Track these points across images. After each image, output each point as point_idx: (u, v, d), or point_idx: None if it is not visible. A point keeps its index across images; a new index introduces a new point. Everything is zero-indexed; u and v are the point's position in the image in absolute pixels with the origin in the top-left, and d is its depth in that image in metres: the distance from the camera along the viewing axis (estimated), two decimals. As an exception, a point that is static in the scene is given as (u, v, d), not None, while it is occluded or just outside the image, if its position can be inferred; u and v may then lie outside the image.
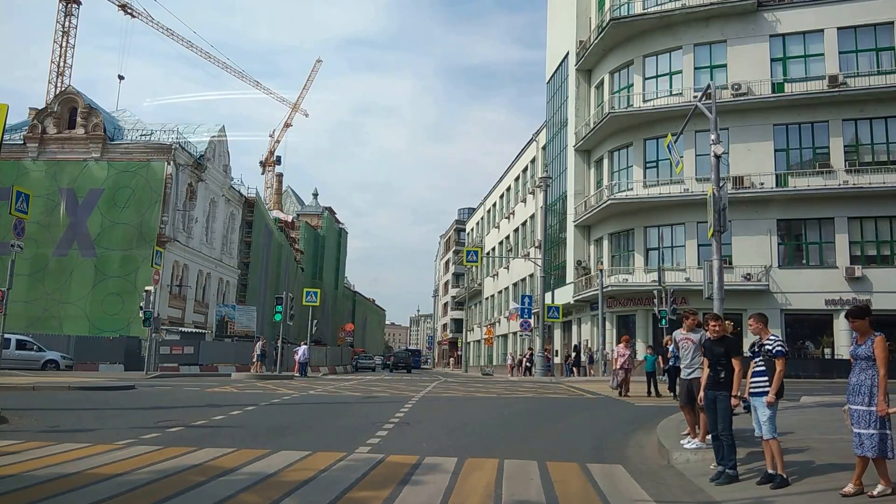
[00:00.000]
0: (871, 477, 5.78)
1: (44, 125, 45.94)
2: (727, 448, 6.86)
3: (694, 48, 31.85)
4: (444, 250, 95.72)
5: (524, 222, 48.86)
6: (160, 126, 47.59)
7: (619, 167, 34.84)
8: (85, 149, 45.30)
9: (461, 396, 19.48)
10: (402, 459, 7.98)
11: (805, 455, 7.77)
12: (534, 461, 7.86)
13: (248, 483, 6.60)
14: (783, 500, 6.05)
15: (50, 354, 31.58)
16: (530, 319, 34.77)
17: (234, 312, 53.42)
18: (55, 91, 56.94)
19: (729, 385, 6.98)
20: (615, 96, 34.69)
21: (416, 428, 11.31)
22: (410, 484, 6.71)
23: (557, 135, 42.27)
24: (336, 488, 6.42)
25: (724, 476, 6.77)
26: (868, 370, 5.84)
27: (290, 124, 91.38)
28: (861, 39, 29.29)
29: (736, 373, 6.95)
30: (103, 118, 46.47)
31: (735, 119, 29.62)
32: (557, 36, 43.30)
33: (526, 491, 6.52)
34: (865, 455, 5.75)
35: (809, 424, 10.48)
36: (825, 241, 29.58)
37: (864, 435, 5.73)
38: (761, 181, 29.78)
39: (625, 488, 6.73)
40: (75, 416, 12.63)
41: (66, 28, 60.77)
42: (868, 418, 5.71)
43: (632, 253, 33.65)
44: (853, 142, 29.47)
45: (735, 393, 6.93)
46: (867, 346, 5.88)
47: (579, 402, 17.55)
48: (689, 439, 8.66)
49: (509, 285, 52.15)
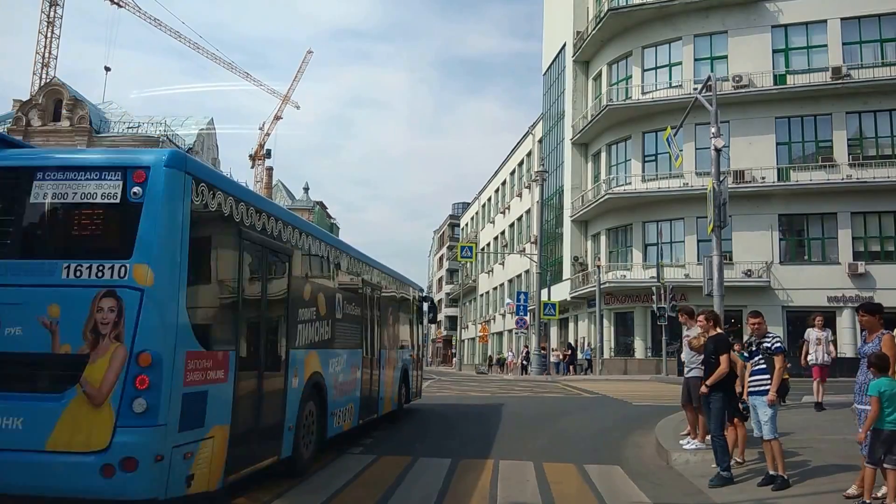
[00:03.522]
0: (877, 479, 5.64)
1: (28, 117, 45.19)
2: (720, 450, 6.79)
3: (694, 39, 31.30)
4: (437, 246, 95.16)
5: (520, 217, 48.26)
6: (147, 118, 46.91)
7: (617, 161, 34.28)
8: (70, 141, 44.55)
9: (455, 395, 19.23)
10: (396, 460, 7.96)
11: (807, 455, 7.69)
12: (530, 462, 7.76)
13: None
14: (784, 501, 5.99)
15: None
16: (526, 317, 34.25)
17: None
18: (40, 83, 55.82)
19: (722, 386, 6.92)
20: (613, 88, 34.12)
21: (409, 428, 11.23)
22: (404, 485, 6.69)
23: (554, 128, 41.69)
24: (328, 489, 6.39)
25: (718, 478, 6.65)
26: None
27: (281, 117, 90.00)
28: (865, 30, 28.73)
29: (719, 369, 6.86)
30: (89, 110, 45.72)
31: (736, 112, 29.04)
32: (554, 26, 42.74)
33: (522, 492, 6.48)
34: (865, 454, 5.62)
35: (811, 424, 10.48)
36: (827, 236, 29.11)
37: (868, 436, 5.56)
38: (762, 175, 29.27)
39: (623, 490, 6.66)
40: None
41: (52, 18, 59.54)
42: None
43: (630, 248, 33.13)
44: (857, 135, 29.00)
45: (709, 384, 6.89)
46: (875, 343, 5.77)
47: (576, 402, 17.42)
48: (688, 439, 8.56)
49: (504, 282, 51.59)
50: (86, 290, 4.73)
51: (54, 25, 59.98)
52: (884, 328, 5.97)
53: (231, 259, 5.78)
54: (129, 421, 4.53)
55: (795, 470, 6.90)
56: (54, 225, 5.05)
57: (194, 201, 5.11)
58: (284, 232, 6.89)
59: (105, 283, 4.73)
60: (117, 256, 4.78)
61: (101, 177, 4.93)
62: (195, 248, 5.09)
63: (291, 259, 7.07)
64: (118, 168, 4.97)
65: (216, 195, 5.45)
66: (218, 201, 5.48)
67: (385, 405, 11.24)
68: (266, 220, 6.41)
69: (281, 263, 6.87)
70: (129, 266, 4.75)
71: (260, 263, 6.30)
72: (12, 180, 5.05)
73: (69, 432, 4.55)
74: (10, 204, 5.06)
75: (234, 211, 5.74)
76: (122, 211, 4.88)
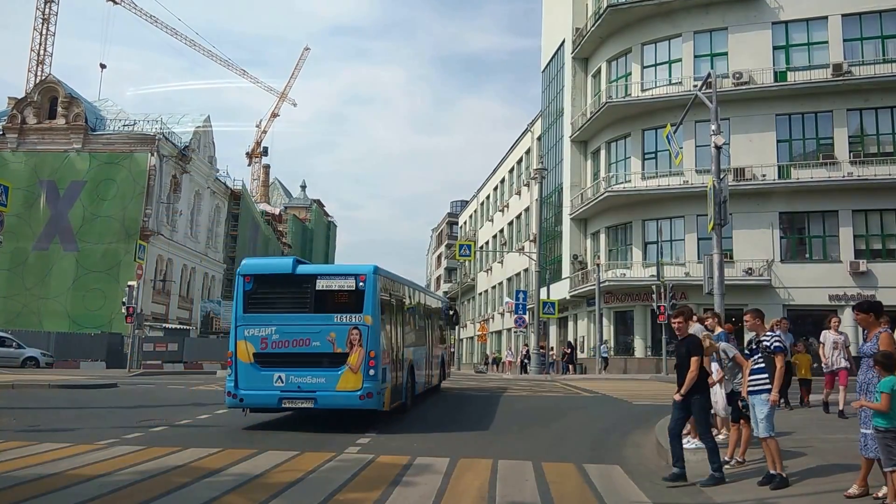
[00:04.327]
0: (877, 478, 5.65)
1: (23, 115, 44.90)
2: (709, 451, 6.74)
3: (694, 36, 31.12)
4: (436, 244, 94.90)
5: (519, 215, 48.04)
6: (143, 116, 46.63)
7: (616, 158, 34.12)
8: (66, 139, 44.31)
9: (454, 393, 19.13)
10: (393, 460, 7.93)
11: (807, 455, 7.67)
12: (529, 461, 7.72)
13: (234, 484, 6.55)
14: (784, 501, 5.95)
15: (29, 351, 31.05)
16: (525, 315, 34.04)
17: (220, 308, 52.19)
18: (35, 80, 55.55)
19: (701, 387, 6.88)
20: (613, 85, 33.95)
21: (407, 427, 11.26)
22: (401, 485, 6.65)
23: (553, 125, 41.48)
24: (325, 490, 6.34)
25: (710, 478, 6.60)
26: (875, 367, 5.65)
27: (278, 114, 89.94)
28: (866, 27, 28.55)
29: (690, 373, 6.79)
30: (85, 108, 45.43)
31: (736, 109, 28.91)
32: (553, 23, 42.52)
33: (521, 492, 6.47)
34: (870, 456, 5.59)
35: (812, 423, 10.48)
36: (829, 234, 28.98)
37: (870, 436, 5.54)
38: (763, 173, 29.14)
39: (622, 489, 6.65)
40: (56, 415, 12.57)
41: (47, 15, 59.33)
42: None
43: (630, 247, 32.97)
44: (858, 132, 28.87)
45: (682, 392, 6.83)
46: (874, 342, 5.75)
47: (575, 401, 17.37)
48: (688, 439, 8.41)
49: (503, 280, 51.36)
50: (345, 325, 10.70)
51: (49, 22, 59.84)
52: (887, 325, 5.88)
53: (389, 310, 12.08)
54: (366, 379, 10.49)
55: (796, 469, 6.84)
56: (329, 298, 11.07)
57: (380, 287, 11.24)
58: (404, 291, 14.05)
59: (353, 323, 10.69)
60: (356, 311, 10.78)
61: (346, 278, 11.08)
62: (382, 306, 11.29)
63: (404, 305, 13.75)
64: (353, 274, 11.05)
65: (386, 283, 11.98)
66: (387, 286, 12.11)
67: (434, 381, 18.11)
68: (398, 288, 13.33)
69: (402, 309, 13.43)
70: (362, 316, 10.74)
71: (397, 310, 12.90)
72: (309, 279, 11.13)
73: (345, 384, 10.50)
74: (309, 290, 11.01)
75: (391, 287, 12.54)
76: (357, 292, 10.86)
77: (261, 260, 13.62)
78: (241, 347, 10.79)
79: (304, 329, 10.76)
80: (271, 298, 11.16)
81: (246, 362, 10.75)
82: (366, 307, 10.72)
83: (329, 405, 10.68)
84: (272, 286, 11.32)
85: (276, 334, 10.75)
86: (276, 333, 10.75)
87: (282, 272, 11.40)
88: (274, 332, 10.77)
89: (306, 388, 10.57)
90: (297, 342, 10.71)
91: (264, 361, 10.72)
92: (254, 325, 10.84)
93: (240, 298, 11.05)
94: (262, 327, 10.78)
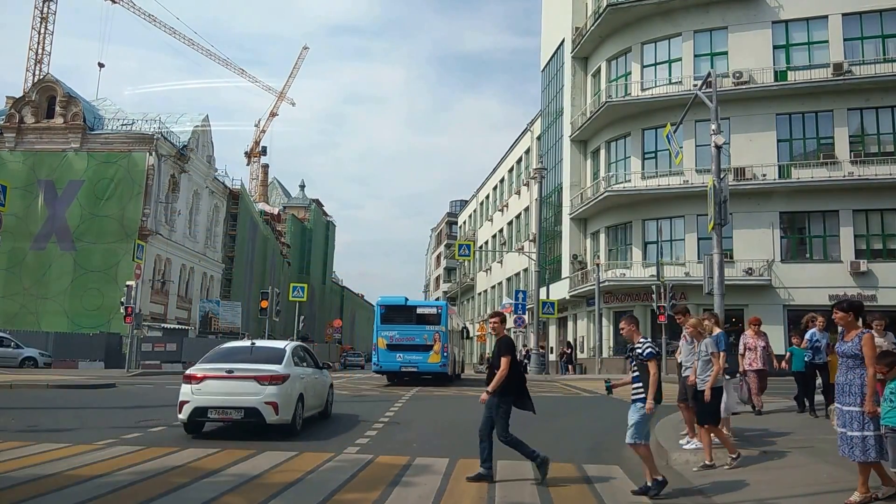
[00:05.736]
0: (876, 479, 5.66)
1: (21, 114, 44.69)
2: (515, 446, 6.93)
3: (694, 35, 31.09)
4: (435, 244, 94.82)
5: (518, 215, 47.99)
6: (142, 115, 46.45)
7: (616, 158, 34.08)
8: (64, 139, 44.12)
9: (453, 395, 19.16)
10: (392, 460, 7.95)
11: (808, 456, 7.68)
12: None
13: (234, 485, 6.54)
14: (784, 502, 5.98)
15: (28, 351, 31.01)
16: (524, 315, 33.97)
17: (219, 308, 52.09)
18: (33, 79, 55.42)
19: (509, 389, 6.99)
20: (612, 85, 33.91)
21: (406, 427, 11.26)
22: (400, 486, 6.65)
23: (552, 125, 41.40)
24: (323, 490, 6.35)
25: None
26: (856, 369, 5.63)
27: (276, 113, 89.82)
28: (867, 26, 28.52)
29: (500, 372, 6.93)
30: (83, 107, 45.24)
31: (736, 108, 28.90)
32: (552, 22, 42.45)
33: (520, 492, 6.48)
34: (855, 459, 5.56)
35: (812, 424, 10.46)
36: (829, 234, 28.94)
37: (856, 437, 5.50)
38: (763, 172, 29.10)
39: (622, 490, 6.63)
40: (54, 415, 12.53)
41: (45, 14, 59.19)
42: (861, 419, 5.49)
43: (629, 247, 32.93)
44: (858, 132, 28.83)
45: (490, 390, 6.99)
46: (854, 343, 5.66)
47: (575, 401, 17.39)
48: (687, 439, 8.52)
49: (503, 280, 51.32)
50: (433, 329, 23.09)
51: (48, 21, 59.71)
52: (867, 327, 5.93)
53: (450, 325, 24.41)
54: (443, 358, 22.89)
55: (796, 469, 6.87)
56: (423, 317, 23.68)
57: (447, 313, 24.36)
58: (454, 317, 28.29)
59: (437, 330, 23.05)
60: (437, 324, 23.27)
61: (431, 307, 25.37)
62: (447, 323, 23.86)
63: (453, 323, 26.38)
64: (436, 306, 25.48)
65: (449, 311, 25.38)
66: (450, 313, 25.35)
67: (458, 371, 28.40)
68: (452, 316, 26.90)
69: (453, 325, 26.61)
70: (440, 326, 23.17)
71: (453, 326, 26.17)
72: (413, 307, 24.21)
73: (433, 360, 22.83)
74: (411, 315, 23.60)
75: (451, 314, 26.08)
76: (438, 315, 23.77)
77: (389, 297, 24.28)
78: (380, 341, 22.74)
79: (411, 332, 22.72)
80: (393, 316, 23.29)
81: (382, 349, 22.66)
82: (442, 322, 23.17)
83: (425, 370, 22.58)
84: (395, 311, 23.49)
85: (397, 335, 22.65)
86: (398, 335, 22.66)
87: (400, 304, 23.68)
88: (396, 334, 22.71)
89: (413, 362, 22.45)
90: (408, 339, 22.62)
91: (391, 347, 22.59)
92: (386, 330, 22.90)
93: (378, 317, 23.52)
94: (390, 331, 22.83)
